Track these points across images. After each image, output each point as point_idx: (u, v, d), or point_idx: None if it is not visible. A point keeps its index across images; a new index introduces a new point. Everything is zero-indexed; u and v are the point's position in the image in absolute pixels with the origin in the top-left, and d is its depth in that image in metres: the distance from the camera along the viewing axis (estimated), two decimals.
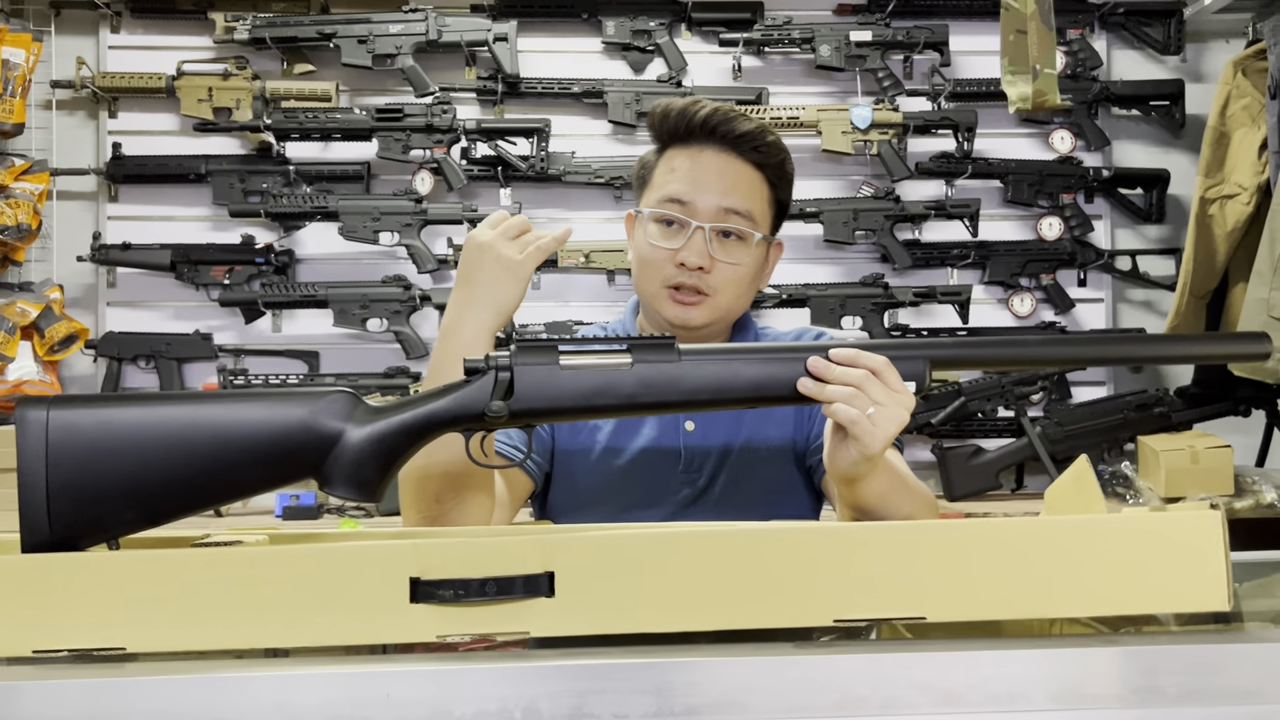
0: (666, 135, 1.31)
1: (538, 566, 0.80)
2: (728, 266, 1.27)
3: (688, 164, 1.28)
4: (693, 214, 1.26)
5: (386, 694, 0.76)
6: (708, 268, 1.26)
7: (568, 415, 0.94)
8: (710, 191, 1.26)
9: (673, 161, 1.30)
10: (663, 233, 1.28)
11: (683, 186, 1.27)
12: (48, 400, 0.84)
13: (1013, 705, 0.79)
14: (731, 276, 1.27)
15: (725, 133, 1.27)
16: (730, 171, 1.28)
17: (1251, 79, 2.72)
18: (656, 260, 1.28)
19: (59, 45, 3.05)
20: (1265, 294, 2.41)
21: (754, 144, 1.28)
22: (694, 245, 1.25)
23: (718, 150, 1.28)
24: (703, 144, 1.28)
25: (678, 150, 1.30)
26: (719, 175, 1.27)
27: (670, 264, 1.27)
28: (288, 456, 0.87)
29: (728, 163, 1.28)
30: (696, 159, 1.28)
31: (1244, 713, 0.81)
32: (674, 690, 0.77)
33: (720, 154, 1.28)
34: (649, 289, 1.30)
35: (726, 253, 1.27)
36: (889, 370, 0.95)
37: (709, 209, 1.26)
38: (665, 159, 1.31)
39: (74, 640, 0.80)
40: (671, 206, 1.27)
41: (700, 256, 1.25)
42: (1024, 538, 0.81)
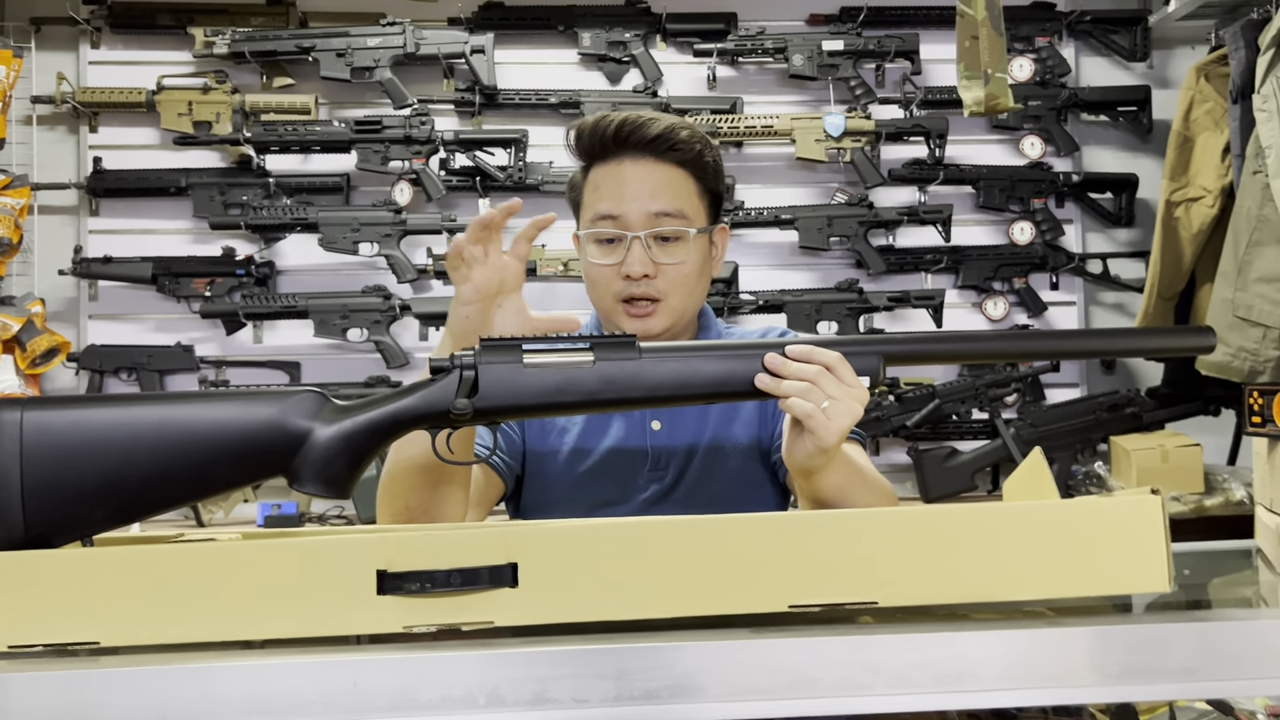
0: (585, 155, 1.33)
1: (501, 558, 0.83)
2: (672, 268, 1.29)
3: (610, 178, 1.30)
4: (625, 226, 1.29)
5: (353, 683, 0.78)
6: (653, 274, 1.28)
7: (531, 412, 0.96)
8: (637, 200, 1.28)
9: (596, 179, 1.32)
10: (602, 250, 1.30)
11: (610, 202, 1.29)
12: (21, 402, 0.86)
13: (961, 685, 0.81)
14: (678, 276, 1.30)
15: (638, 140, 1.29)
16: (652, 176, 1.30)
17: (1214, 84, 2.77)
18: (603, 278, 1.31)
19: (39, 61, 3.06)
20: (1230, 294, 2.45)
21: (668, 143, 1.30)
22: (634, 256, 1.28)
23: (635, 158, 1.30)
24: (619, 156, 1.30)
25: (599, 167, 1.32)
26: (642, 182, 1.29)
27: (616, 279, 1.29)
28: (258, 454, 0.89)
29: (648, 168, 1.30)
30: (617, 172, 1.30)
31: (1185, 690, 0.84)
32: (633, 675, 0.79)
33: (638, 161, 1.30)
34: (604, 306, 1.33)
35: (668, 254, 1.29)
36: (843, 365, 0.98)
37: (639, 217, 1.28)
38: (590, 178, 1.33)
39: (48, 635, 0.81)
40: (604, 224, 1.30)
41: (643, 265, 1.28)
42: (972, 524, 0.84)
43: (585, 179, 1.34)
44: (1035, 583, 0.84)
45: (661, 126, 1.29)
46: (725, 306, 2.95)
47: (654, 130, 1.29)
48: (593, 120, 1.31)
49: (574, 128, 1.33)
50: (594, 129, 1.30)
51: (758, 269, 3.13)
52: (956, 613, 0.88)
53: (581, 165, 1.35)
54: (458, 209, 3.08)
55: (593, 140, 1.31)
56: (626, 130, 1.29)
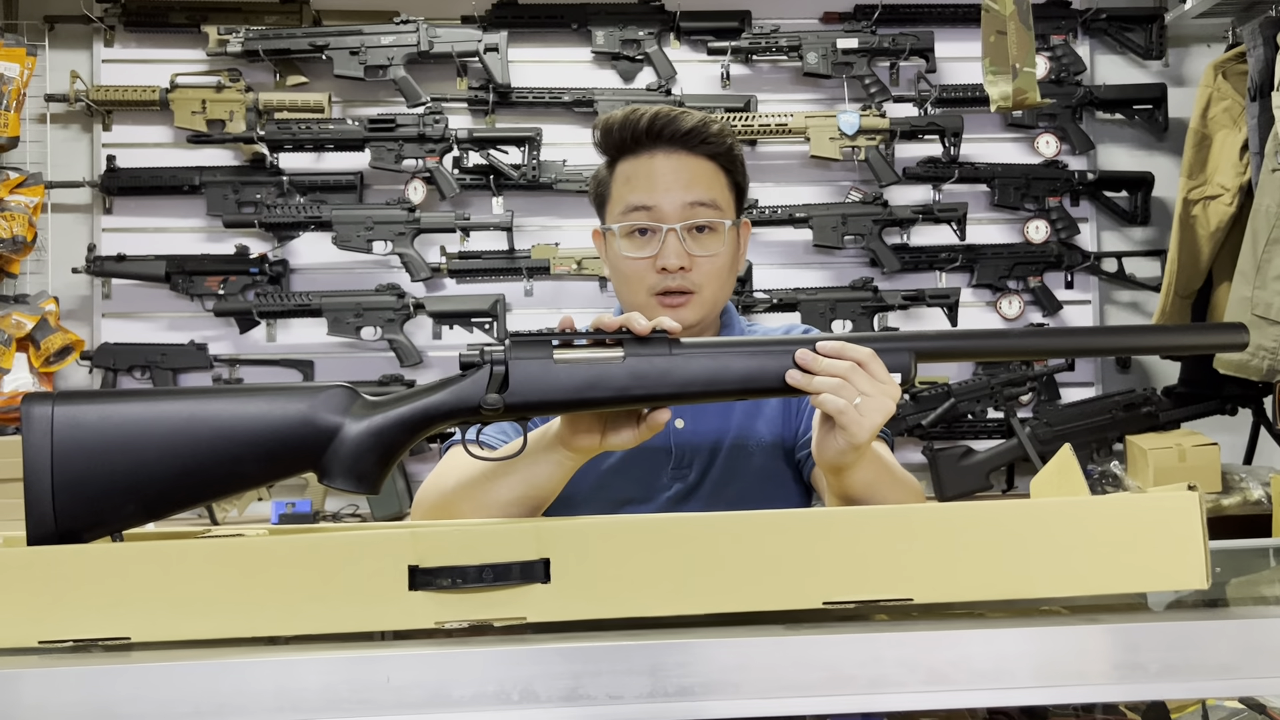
0: (614, 149, 1.32)
1: (533, 553, 0.82)
2: (706, 260, 1.28)
3: (642, 170, 1.29)
4: (660, 218, 1.28)
5: (386, 678, 0.78)
6: (688, 266, 1.27)
7: (561, 408, 0.96)
8: (672, 191, 1.28)
9: (626, 172, 1.31)
10: (634, 243, 1.29)
11: (643, 193, 1.28)
12: (53, 396, 0.86)
13: (998, 682, 0.81)
14: (712, 269, 1.29)
15: (671, 133, 1.28)
16: (686, 168, 1.29)
17: (1232, 82, 2.76)
18: (636, 272, 1.29)
19: (53, 59, 3.07)
20: (1249, 292, 2.44)
21: (701, 136, 1.29)
22: (669, 248, 1.27)
23: (668, 151, 1.29)
24: (652, 149, 1.29)
25: (628, 160, 1.31)
26: (676, 174, 1.28)
27: (651, 272, 1.28)
28: (288, 450, 0.89)
29: (681, 160, 1.29)
30: (649, 164, 1.29)
31: (1222, 687, 0.83)
32: (667, 671, 0.79)
33: (671, 154, 1.29)
34: (636, 301, 1.31)
35: (702, 246, 1.29)
36: (875, 361, 0.97)
37: (675, 208, 1.28)
38: (619, 171, 1.32)
39: (78, 630, 0.81)
40: (637, 215, 1.28)
41: (679, 257, 1.26)
42: (1008, 521, 0.84)
43: (612, 173, 1.33)
44: (1071, 579, 0.84)
45: (695, 120, 1.29)
46: (740, 305, 2.95)
47: (687, 124, 1.28)
48: (623, 114, 1.30)
49: (603, 121, 1.32)
50: (625, 122, 1.30)
51: (772, 267, 3.12)
52: (989, 610, 0.87)
53: (607, 160, 1.34)
54: (471, 207, 3.08)
55: (624, 133, 1.30)
56: (660, 124, 1.28)
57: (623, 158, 1.32)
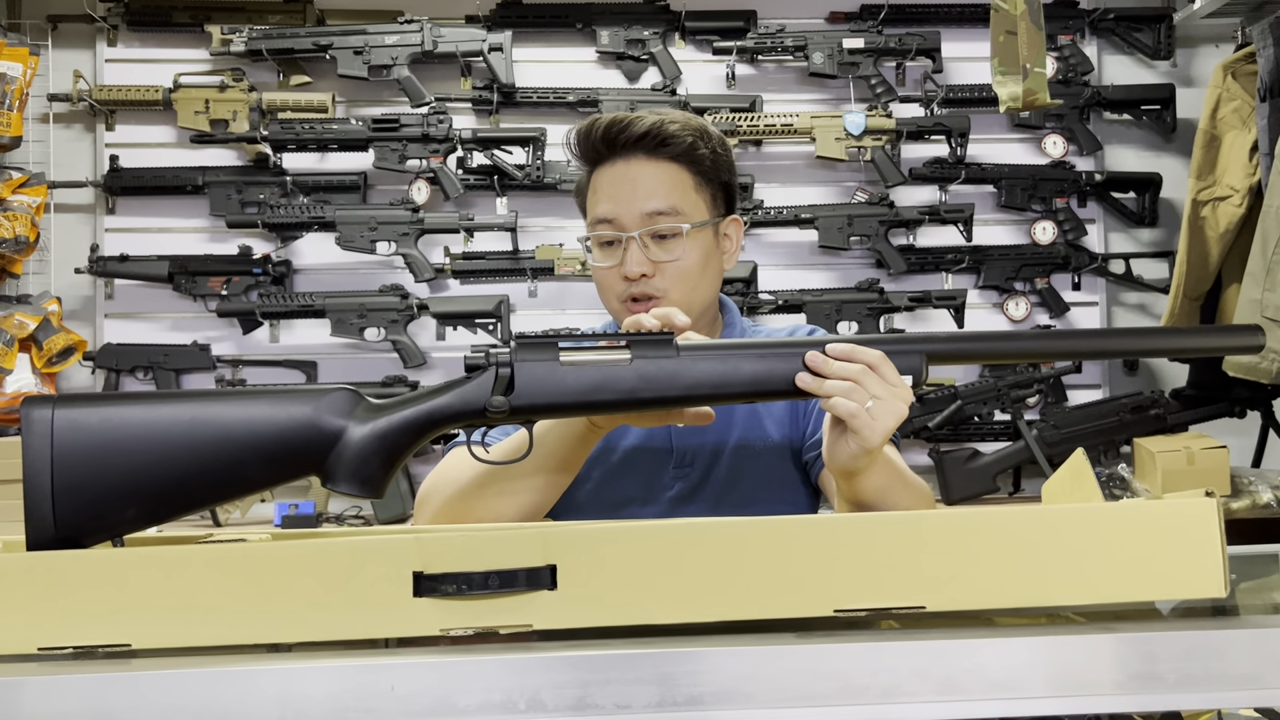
0: (584, 160, 1.33)
1: (540, 560, 0.81)
2: (670, 265, 1.28)
3: (606, 181, 1.30)
4: (621, 227, 1.29)
5: (391, 686, 0.76)
6: (650, 273, 1.28)
7: (568, 411, 0.95)
8: (629, 200, 1.28)
9: (596, 183, 1.32)
10: (604, 253, 1.31)
11: (606, 205, 1.29)
12: (53, 399, 0.85)
13: (1012, 692, 0.79)
14: (676, 273, 1.29)
15: (626, 139, 1.28)
16: (644, 175, 1.29)
17: (1241, 82, 2.74)
18: (607, 281, 1.31)
19: (56, 59, 3.06)
20: (1259, 294, 2.42)
21: (657, 139, 1.28)
22: (631, 256, 1.28)
23: (627, 159, 1.29)
24: (612, 158, 1.30)
25: (598, 171, 1.32)
26: (632, 183, 1.29)
27: (618, 280, 1.29)
28: (291, 453, 0.88)
29: (639, 167, 1.29)
30: (611, 174, 1.30)
31: (1242, 698, 0.82)
32: (676, 680, 0.77)
33: (629, 161, 1.29)
34: (611, 307, 1.34)
35: (666, 251, 1.29)
36: (886, 364, 0.96)
37: (633, 217, 1.28)
38: (591, 183, 1.33)
39: (78, 637, 0.80)
40: (602, 227, 1.30)
41: (639, 265, 1.27)
42: (1022, 527, 0.82)
43: (588, 183, 1.34)
44: (1087, 587, 0.82)
45: (648, 123, 1.28)
46: (744, 306, 2.93)
47: (640, 128, 1.28)
48: (585, 125, 1.31)
49: (569, 134, 1.33)
50: (586, 133, 1.31)
51: (777, 268, 3.11)
52: (1003, 618, 0.86)
53: (586, 170, 1.35)
54: (475, 208, 3.07)
55: (586, 145, 1.31)
56: (614, 131, 1.29)
57: (596, 168, 1.33)
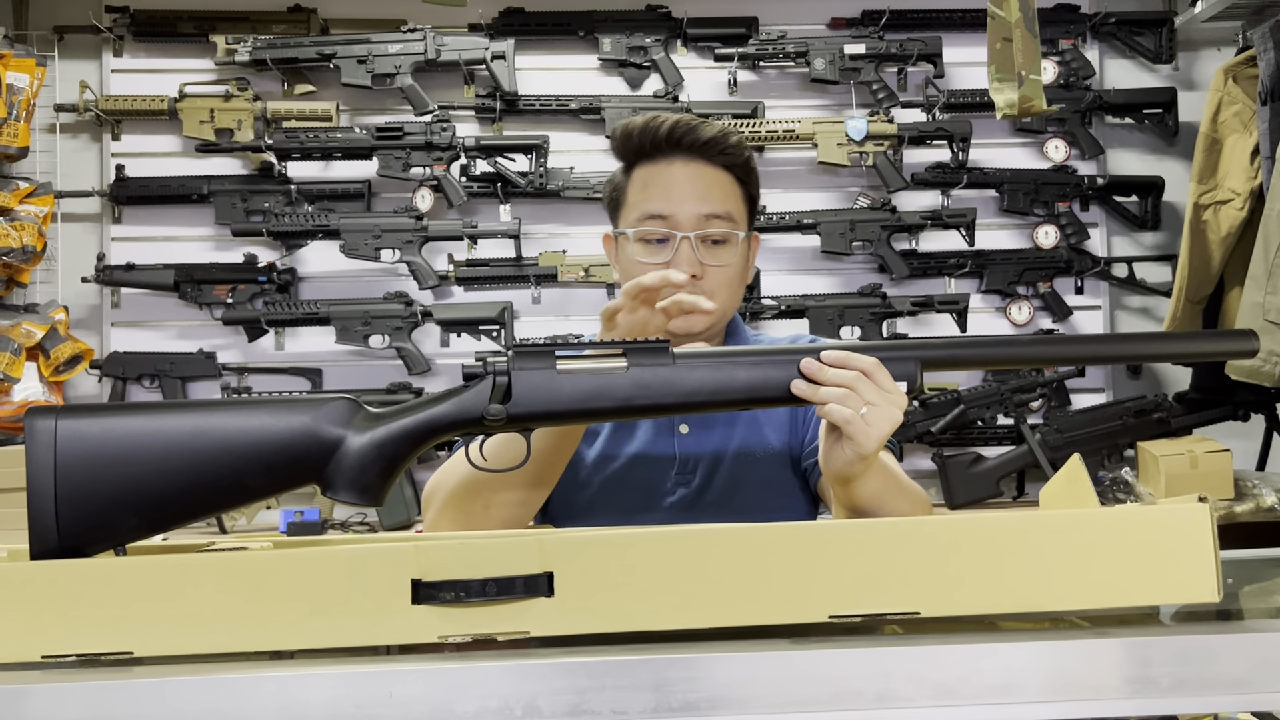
0: (632, 154, 1.33)
1: (537, 567, 0.82)
2: (718, 270, 1.29)
3: (660, 178, 1.30)
4: (675, 226, 1.28)
5: (389, 693, 0.77)
6: (700, 275, 1.27)
7: (565, 419, 0.95)
8: (688, 201, 1.28)
9: (643, 178, 1.31)
10: (648, 250, 1.30)
11: (660, 201, 1.29)
12: (56, 409, 0.86)
13: (1007, 697, 0.80)
14: (723, 279, 1.29)
15: (691, 141, 1.29)
16: (703, 178, 1.30)
17: (1242, 85, 2.74)
18: None
19: (62, 69, 3.08)
20: (1260, 298, 2.42)
21: (720, 147, 1.30)
22: (683, 256, 1.27)
23: (686, 160, 1.30)
24: (670, 156, 1.30)
25: (646, 166, 1.31)
26: (693, 184, 1.29)
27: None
28: (291, 462, 0.89)
29: (698, 170, 1.30)
30: (667, 172, 1.30)
31: (1236, 702, 0.82)
32: (672, 686, 0.78)
33: (690, 163, 1.30)
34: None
35: (715, 257, 1.29)
36: (880, 370, 0.96)
37: (690, 218, 1.28)
38: (635, 177, 1.32)
39: (81, 645, 0.81)
40: (653, 223, 1.29)
41: (691, 266, 1.27)
42: (1016, 533, 0.83)
43: (629, 178, 1.33)
44: (1080, 592, 0.83)
45: (714, 130, 1.30)
46: (747, 311, 2.94)
47: (707, 134, 1.30)
48: (644, 120, 1.31)
49: (623, 126, 1.33)
50: (645, 128, 1.30)
51: (779, 274, 3.12)
52: (993, 623, 0.86)
53: (624, 165, 1.34)
54: (479, 215, 3.08)
55: (643, 139, 1.31)
56: (680, 132, 1.29)
57: (640, 163, 1.32)
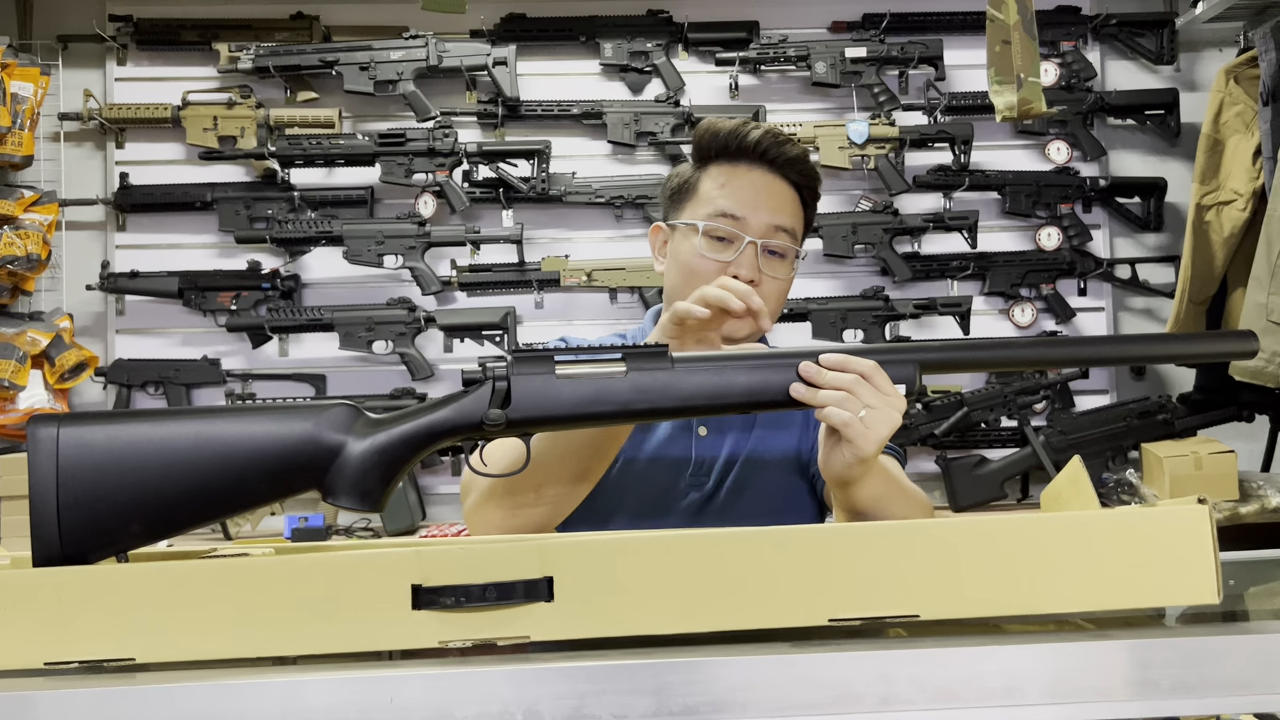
0: (715, 152, 1.35)
1: (537, 572, 0.82)
2: (773, 281, 1.31)
3: (739, 181, 1.32)
4: (744, 229, 1.30)
5: (390, 698, 0.77)
6: (758, 281, 1.29)
7: (564, 423, 0.95)
8: (762, 209, 1.31)
9: (720, 178, 1.33)
10: (713, 246, 1.31)
11: (735, 203, 1.31)
12: (58, 417, 0.86)
13: (1008, 700, 0.80)
14: (775, 291, 1.31)
15: (775, 155, 1.32)
16: (778, 192, 1.33)
17: (1244, 86, 2.74)
18: (706, 272, 1.29)
19: (66, 78, 3.09)
20: (1264, 298, 2.42)
21: (799, 168, 1.34)
22: (746, 259, 1.29)
23: (766, 171, 1.33)
24: (752, 164, 1.33)
25: (724, 167, 1.34)
26: (769, 194, 1.32)
27: (721, 276, 1.27)
28: (292, 469, 0.89)
29: (775, 183, 1.33)
30: (747, 177, 1.33)
31: (1237, 703, 0.82)
32: (672, 690, 0.78)
33: (769, 174, 1.33)
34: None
35: (772, 268, 1.31)
36: (879, 373, 0.96)
37: (760, 226, 1.30)
38: (710, 174, 1.34)
39: (84, 651, 0.81)
40: (724, 221, 1.31)
41: (751, 270, 1.29)
42: (1016, 535, 0.83)
43: (702, 173, 1.35)
44: (1080, 594, 0.82)
45: (798, 150, 1.34)
46: None
47: (792, 152, 1.33)
48: (734, 123, 1.34)
49: (710, 124, 1.35)
50: (734, 131, 1.33)
51: None
52: (995, 626, 0.86)
53: (697, 161, 1.37)
54: (481, 220, 3.09)
55: (730, 141, 1.33)
56: (767, 143, 1.32)
57: (719, 161, 1.34)
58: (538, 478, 1.14)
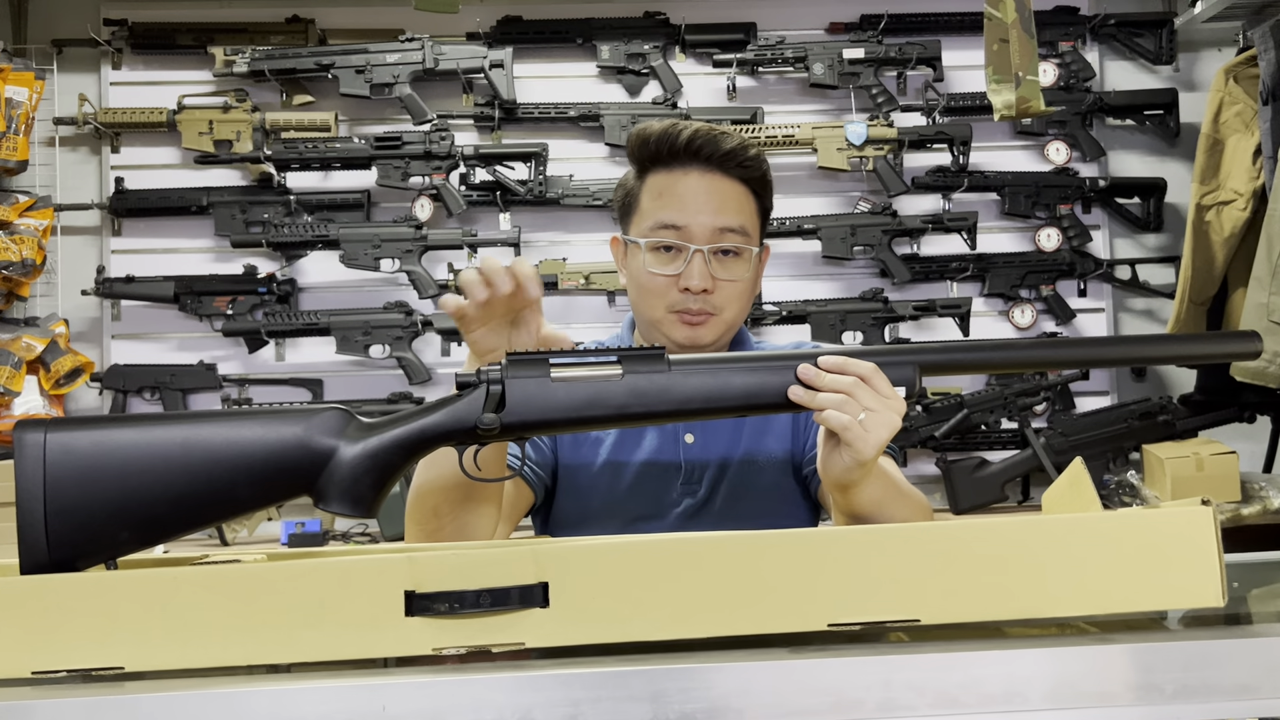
0: (648, 159, 1.30)
1: (532, 577, 0.81)
2: (730, 284, 1.27)
3: (675, 187, 1.27)
4: (688, 238, 1.26)
5: (382, 706, 0.76)
6: (711, 288, 1.26)
7: (560, 427, 0.94)
8: (703, 213, 1.26)
9: (658, 186, 1.29)
10: (659, 259, 1.27)
11: (674, 212, 1.26)
12: (45, 423, 0.85)
13: (1009, 705, 0.78)
14: (734, 292, 1.28)
15: (709, 153, 1.27)
16: (719, 190, 1.27)
17: (1243, 85, 2.73)
18: (658, 288, 1.27)
19: (61, 83, 3.09)
20: (1265, 299, 2.41)
21: (738, 160, 1.28)
22: (694, 269, 1.25)
23: (703, 170, 1.27)
24: (687, 166, 1.27)
25: (661, 173, 1.29)
26: (709, 196, 1.27)
27: (672, 289, 1.26)
28: (282, 474, 0.88)
29: (715, 182, 1.27)
30: (683, 181, 1.27)
31: (1241, 708, 0.81)
32: (669, 697, 0.77)
33: (706, 174, 1.27)
34: (653, 315, 1.29)
35: (727, 270, 1.27)
36: (878, 376, 0.95)
37: (704, 231, 1.26)
38: (649, 184, 1.30)
39: (72, 660, 0.80)
40: (666, 233, 1.27)
41: (703, 279, 1.25)
42: (1017, 538, 0.82)
43: (642, 183, 1.31)
44: (1082, 598, 0.81)
45: (734, 143, 1.28)
46: (749, 317, 2.93)
47: (727, 145, 1.27)
48: (662, 127, 1.28)
49: (639, 131, 1.30)
50: (664, 135, 1.28)
51: (781, 279, 3.11)
52: (997, 630, 0.85)
53: (637, 170, 1.32)
54: (478, 224, 3.08)
55: (660, 146, 1.28)
56: (699, 142, 1.26)
57: (655, 170, 1.29)
58: (432, 500, 1.10)
